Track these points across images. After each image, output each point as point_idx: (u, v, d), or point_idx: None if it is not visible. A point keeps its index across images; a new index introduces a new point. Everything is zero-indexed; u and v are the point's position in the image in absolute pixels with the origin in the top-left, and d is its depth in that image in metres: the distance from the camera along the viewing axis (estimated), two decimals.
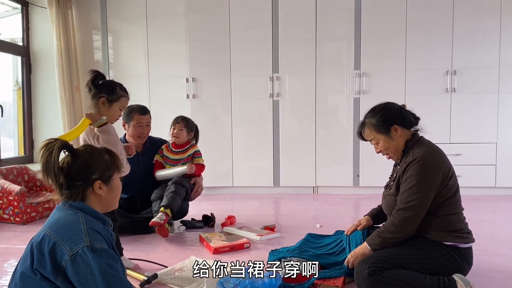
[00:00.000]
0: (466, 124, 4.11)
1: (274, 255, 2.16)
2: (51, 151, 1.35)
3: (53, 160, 1.33)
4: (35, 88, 4.55)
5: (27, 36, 4.48)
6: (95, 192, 1.40)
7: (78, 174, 1.37)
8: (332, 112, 4.31)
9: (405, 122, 1.94)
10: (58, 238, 1.26)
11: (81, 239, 1.25)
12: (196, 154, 3.15)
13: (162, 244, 2.67)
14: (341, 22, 4.22)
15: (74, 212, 1.35)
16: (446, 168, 1.83)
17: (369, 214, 2.23)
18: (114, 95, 2.24)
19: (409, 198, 1.80)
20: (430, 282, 1.71)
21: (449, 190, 1.84)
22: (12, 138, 4.57)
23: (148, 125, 3.03)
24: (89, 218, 1.34)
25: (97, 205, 1.42)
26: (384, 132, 1.94)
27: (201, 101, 4.40)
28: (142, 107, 3.04)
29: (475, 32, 4.07)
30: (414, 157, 1.83)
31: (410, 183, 1.81)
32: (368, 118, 1.99)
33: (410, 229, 1.82)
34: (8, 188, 3.19)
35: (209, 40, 4.35)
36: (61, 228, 1.28)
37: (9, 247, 2.66)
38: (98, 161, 1.42)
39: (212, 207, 3.73)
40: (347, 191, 4.33)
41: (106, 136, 2.16)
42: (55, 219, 1.34)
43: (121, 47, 4.55)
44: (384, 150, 1.99)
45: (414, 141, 1.93)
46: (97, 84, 2.22)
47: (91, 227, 1.30)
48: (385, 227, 1.86)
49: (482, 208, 3.62)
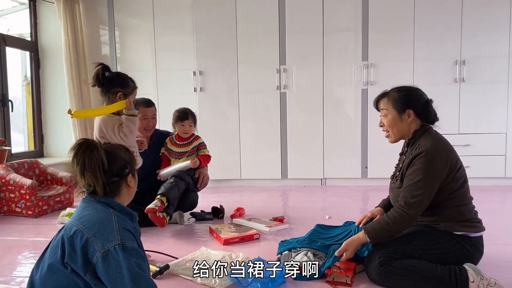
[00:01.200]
0: (475, 115, 4.08)
1: (284, 246, 2.17)
2: (92, 150, 1.36)
3: (98, 159, 1.35)
4: (43, 83, 4.59)
5: (35, 31, 4.51)
6: (127, 185, 1.45)
7: (116, 170, 1.41)
8: (340, 104, 4.30)
9: (424, 114, 1.91)
10: (91, 235, 1.27)
11: (113, 237, 1.27)
12: (200, 146, 3.13)
13: (172, 236, 2.70)
14: (348, 13, 4.20)
15: (105, 208, 1.37)
16: (452, 161, 1.82)
17: (381, 205, 2.19)
18: (128, 88, 2.26)
19: (415, 193, 1.78)
20: (441, 272, 1.71)
21: (456, 183, 1.83)
22: (22, 133, 4.62)
23: (153, 117, 3.04)
24: (119, 216, 1.36)
25: (126, 198, 1.46)
26: (398, 110, 1.92)
27: (208, 94, 4.41)
28: (147, 99, 3.06)
29: (484, 21, 4.03)
30: (421, 150, 1.81)
31: (416, 176, 1.79)
32: (394, 91, 1.97)
33: (411, 224, 1.83)
34: (20, 182, 3.23)
35: (216, 33, 4.34)
36: (94, 225, 1.29)
37: (23, 240, 2.70)
38: (125, 155, 1.46)
39: (220, 199, 3.75)
40: (355, 182, 4.33)
41: (131, 126, 2.22)
42: (87, 214, 1.34)
43: (128, 41, 4.56)
44: (387, 126, 1.97)
45: (422, 132, 1.91)
46: (108, 78, 2.22)
47: (122, 226, 1.32)
48: (388, 219, 1.81)
49: (492, 199, 3.60)
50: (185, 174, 2.95)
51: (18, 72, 4.60)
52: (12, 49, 4.21)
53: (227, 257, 2.15)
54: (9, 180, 3.26)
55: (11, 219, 3.23)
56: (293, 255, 2.05)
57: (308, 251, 2.04)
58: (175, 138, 3.12)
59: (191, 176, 3.02)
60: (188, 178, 2.99)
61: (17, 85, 4.57)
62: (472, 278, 1.70)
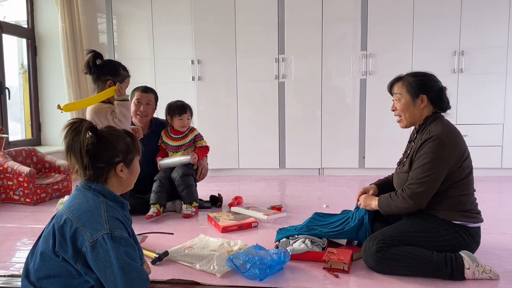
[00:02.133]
0: (473, 105, 4.10)
1: (281, 233, 2.18)
2: (77, 132, 1.34)
3: (80, 141, 1.33)
4: (41, 70, 4.56)
5: (32, 18, 4.46)
6: (116, 174, 1.42)
7: (102, 156, 1.38)
8: (338, 94, 4.30)
9: (437, 100, 1.92)
10: (80, 224, 1.27)
11: (101, 226, 1.27)
12: (197, 138, 3.10)
13: (171, 223, 2.71)
14: (348, 2, 4.17)
15: (95, 196, 1.36)
16: (461, 149, 1.83)
17: (376, 183, 2.23)
18: (119, 76, 2.24)
19: (421, 175, 1.80)
20: (437, 258, 1.74)
21: (463, 172, 1.84)
22: (19, 122, 4.60)
23: (148, 103, 3.01)
24: (109, 205, 1.35)
25: (116, 187, 1.44)
26: (412, 94, 1.92)
27: (207, 83, 4.40)
28: (146, 86, 3.06)
29: (483, 12, 4.02)
30: (431, 135, 1.81)
31: (424, 160, 1.80)
32: (409, 76, 1.96)
33: (417, 204, 1.83)
34: (18, 170, 3.23)
35: (214, 22, 4.32)
36: (83, 214, 1.30)
37: (21, 227, 2.70)
38: (122, 144, 1.43)
39: (219, 188, 3.77)
40: (352, 172, 4.35)
41: (124, 111, 2.21)
42: (77, 203, 1.34)
43: (125, 29, 4.53)
44: (399, 110, 1.97)
45: (433, 118, 1.91)
46: (99, 65, 2.21)
47: (111, 215, 1.32)
48: (395, 196, 1.87)
49: (488, 189, 3.63)
50: (187, 168, 2.96)
51: (15, 60, 4.56)
52: (8, 36, 4.17)
53: (225, 245, 2.17)
54: (7, 168, 3.26)
55: (9, 207, 3.24)
56: (291, 243, 2.07)
57: (306, 238, 2.06)
58: (170, 131, 3.07)
59: (191, 168, 3.03)
60: (191, 170, 3.00)
61: (14, 73, 4.54)
62: (467, 265, 1.72)
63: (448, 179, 1.81)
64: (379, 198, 1.96)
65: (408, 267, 1.75)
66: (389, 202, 1.89)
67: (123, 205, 1.45)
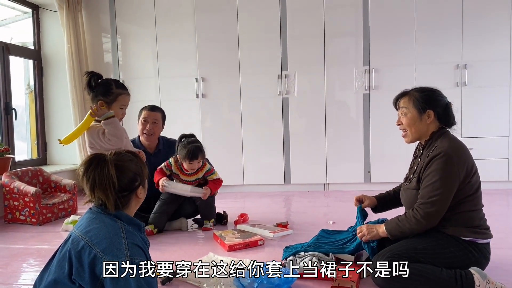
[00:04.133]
0: (478, 118, 4.08)
1: (288, 252, 2.17)
2: (102, 167, 1.34)
3: (110, 175, 1.33)
4: (47, 91, 4.61)
5: (38, 40, 4.54)
6: (137, 197, 1.43)
7: (124, 185, 1.38)
8: (342, 109, 4.30)
9: (444, 116, 1.91)
10: (99, 250, 1.25)
11: (122, 254, 1.24)
12: (208, 173, 2.95)
13: (176, 242, 2.70)
14: (349, 18, 4.22)
15: (113, 221, 1.34)
16: (469, 164, 1.82)
17: (376, 196, 2.24)
18: (111, 95, 2.23)
19: (432, 193, 1.77)
20: (447, 275, 1.71)
21: (472, 187, 1.82)
22: (25, 141, 4.63)
23: (155, 122, 3.03)
24: (128, 230, 1.33)
25: (134, 208, 1.44)
26: (419, 109, 1.90)
27: (211, 101, 4.42)
28: (154, 105, 3.09)
29: (485, 25, 4.04)
30: (438, 151, 1.80)
31: (433, 177, 1.78)
32: (415, 91, 1.95)
33: (430, 224, 1.80)
34: (24, 190, 3.24)
35: (217, 39, 4.37)
36: (102, 240, 1.27)
37: (27, 248, 2.70)
38: (135, 167, 1.42)
39: (224, 205, 3.74)
40: (358, 187, 4.32)
41: (111, 128, 2.19)
42: (95, 228, 1.32)
43: (130, 48, 4.59)
44: (405, 125, 1.96)
45: (439, 134, 1.90)
46: (94, 86, 2.22)
47: (131, 241, 1.30)
48: (406, 218, 1.84)
49: (495, 202, 3.60)
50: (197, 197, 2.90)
51: (21, 80, 4.63)
52: (14, 57, 4.23)
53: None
54: (13, 188, 3.27)
55: (15, 227, 3.24)
56: (298, 261, 2.05)
57: (313, 256, 2.04)
58: (182, 166, 2.91)
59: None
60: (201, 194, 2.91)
61: (20, 93, 4.59)
62: (478, 282, 1.69)
63: (457, 195, 1.79)
64: (385, 224, 1.92)
65: (418, 284, 1.73)
66: (401, 228, 1.84)
67: (140, 227, 1.43)
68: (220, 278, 1.91)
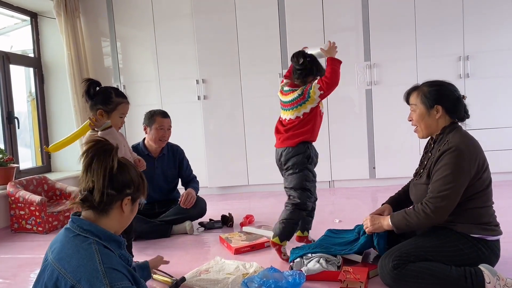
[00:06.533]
0: (482, 110, 4.04)
1: (295, 253, 2.15)
2: (106, 150, 1.30)
3: (110, 160, 1.29)
4: (48, 98, 4.61)
5: (38, 47, 4.53)
6: (121, 207, 1.34)
7: (117, 182, 1.31)
8: (345, 105, 4.28)
9: (454, 110, 1.87)
10: (76, 281, 1.18)
11: (100, 282, 1.17)
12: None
13: (182, 247, 2.69)
14: (349, 13, 4.18)
15: (86, 242, 1.25)
16: (481, 160, 1.79)
17: (388, 202, 2.18)
18: (110, 104, 2.15)
19: (442, 187, 1.74)
20: (456, 273, 1.69)
21: (482, 183, 1.79)
22: (29, 148, 4.64)
23: (169, 128, 3.06)
24: (103, 252, 1.24)
25: (114, 222, 1.35)
26: (426, 105, 1.88)
27: (212, 102, 4.41)
28: (164, 111, 3.07)
29: (486, 15, 4.00)
30: (450, 146, 1.77)
31: (444, 171, 1.75)
32: (425, 85, 1.92)
33: (440, 219, 1.77)
34: (29, 199, 3.24)
35: (217, 40, 4.35)
36: (77, 269, 1.19)
37: (35, 257, 2.70)
38: (135, 177, 1.37)
39: (229, 206, 3.75)
40: (363, 183, 4.30)
41: (110, 139, 2.11)
42: (67, 255, 1.24)
43: (130, 52, 4.58)
44: (415, 121, 1.93)
45: (451, 129, 1.86)
46: (92, 95, 2.18)
47: (108, 266, 1.21)
48: (414, 211, 1.80)
49: (502, 194, 3.55)
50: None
51: (23, 87, 4.63)
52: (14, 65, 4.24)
53: (241, 267, 2.15)
54: (19, 198, 3.28)
55: (22, 236, 3.25)
56: (305, 263, 2.04)
57: (320, 257, 2.03)
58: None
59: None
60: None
61: (22, 101, 4.60)
62: (488, 279, 1.68)
63: (467, 191, 1.76)
64: (391, 217, 1.88)
65: (427, 283, 1.71)
66: (408, 221, 1.81)
67: (120, 245, 1.35)
68: (228, 282, 1.90)
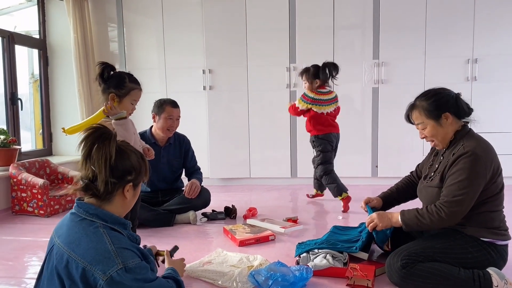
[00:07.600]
0: (488, 113, 4.03)
1: (301, 248, 2.15)
2: (105, 138, 1.27)
3: (109, 149, 1.26)
4: (52, 81, 4.57)
5: (43, 29, 4.48)
6: (123, 194, 1.33)
7: (117, 170, 1.30)
8: (350, 102, 4.26)
9: (459, 111, 1.86)
10: (87, 263, 1.18)
11: (113, 262, 1.18)
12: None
13: (186, 236, 2.69)
14: (359, 10, 4.16)
15: (92, 226, 1.25)
16: (496, 165, 1.79)
17: (381, 196, 2.21)
18: (123, 89, 2.12)
19: (458, 192, 1.74)
20: (465, 275, 1.70)
21: (496, 187, 1.79)
22: (29, 131, 4.61)
23: (178, 119, 3.04)
24: (112, 234, 1.25)
25: (118, 208, 1.34)
26: (434, 118, 1.86)
27: (218, 93, 4.38)
28: (174, 100, 3.05)
29: (497, 19, 3.99)
30: (466, 150, 1.76)
31: (460, 176, 1.74)
32: (420, 101, 1.89)
33: (453, 222, 1.78)
34: (31, 181, 3.22)
35: (225, 30, 4.31)
36: (87, 252, 1.19)
37: (37, 240, 2.69)
38: (136, 162, 1.36)
39: (231, 198, 3.74)
40: (365, 181, 4.31)
41: (122, 131, 2.07)
42: (76, 239, 1.23)
43: (136, 39, 4.53)
44: (430, 137, 1.91)
45: (464, 133, 1.86)
46: (106, 78, 2.15)
47: (118, 246, 1.22)
48: (428, 212, 1.79)
49: (507, 198, 3.56)
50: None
51: (25, 69, 4.58)
52: (20, 46, 4.18)
53: (244, 259, 2.14)
54: (21, 180, 3.26)
55: (23, 219, 3.23)
56: (312, 258, 2.04)
57: (327, 253, 2.03)
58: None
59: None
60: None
61: (24, 82, 4.54)
62: (496, 283, 1.68)
63: (481, 195, 1.76)
64: (401, 214, 1.88)
65: (435, 284, 1.71)
66: (420, 221, 1.80)
67: (125, 226, 1.35)
68: (234, 274, 1.90)
